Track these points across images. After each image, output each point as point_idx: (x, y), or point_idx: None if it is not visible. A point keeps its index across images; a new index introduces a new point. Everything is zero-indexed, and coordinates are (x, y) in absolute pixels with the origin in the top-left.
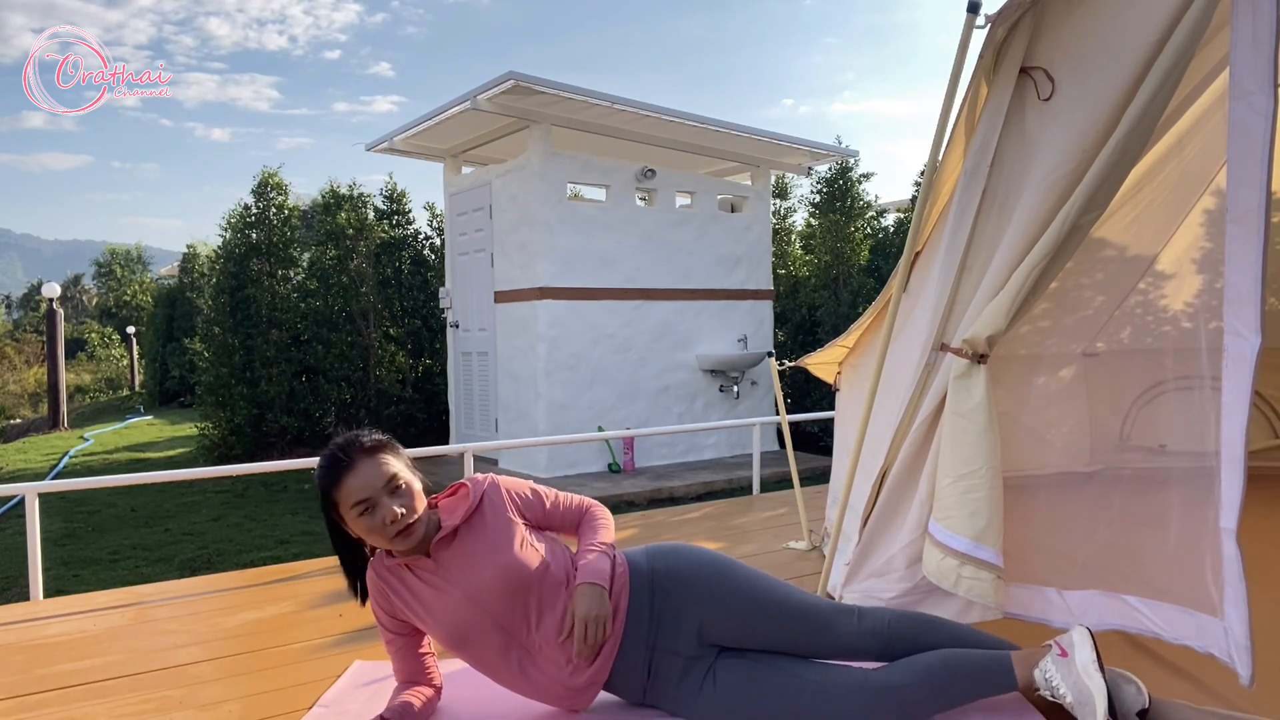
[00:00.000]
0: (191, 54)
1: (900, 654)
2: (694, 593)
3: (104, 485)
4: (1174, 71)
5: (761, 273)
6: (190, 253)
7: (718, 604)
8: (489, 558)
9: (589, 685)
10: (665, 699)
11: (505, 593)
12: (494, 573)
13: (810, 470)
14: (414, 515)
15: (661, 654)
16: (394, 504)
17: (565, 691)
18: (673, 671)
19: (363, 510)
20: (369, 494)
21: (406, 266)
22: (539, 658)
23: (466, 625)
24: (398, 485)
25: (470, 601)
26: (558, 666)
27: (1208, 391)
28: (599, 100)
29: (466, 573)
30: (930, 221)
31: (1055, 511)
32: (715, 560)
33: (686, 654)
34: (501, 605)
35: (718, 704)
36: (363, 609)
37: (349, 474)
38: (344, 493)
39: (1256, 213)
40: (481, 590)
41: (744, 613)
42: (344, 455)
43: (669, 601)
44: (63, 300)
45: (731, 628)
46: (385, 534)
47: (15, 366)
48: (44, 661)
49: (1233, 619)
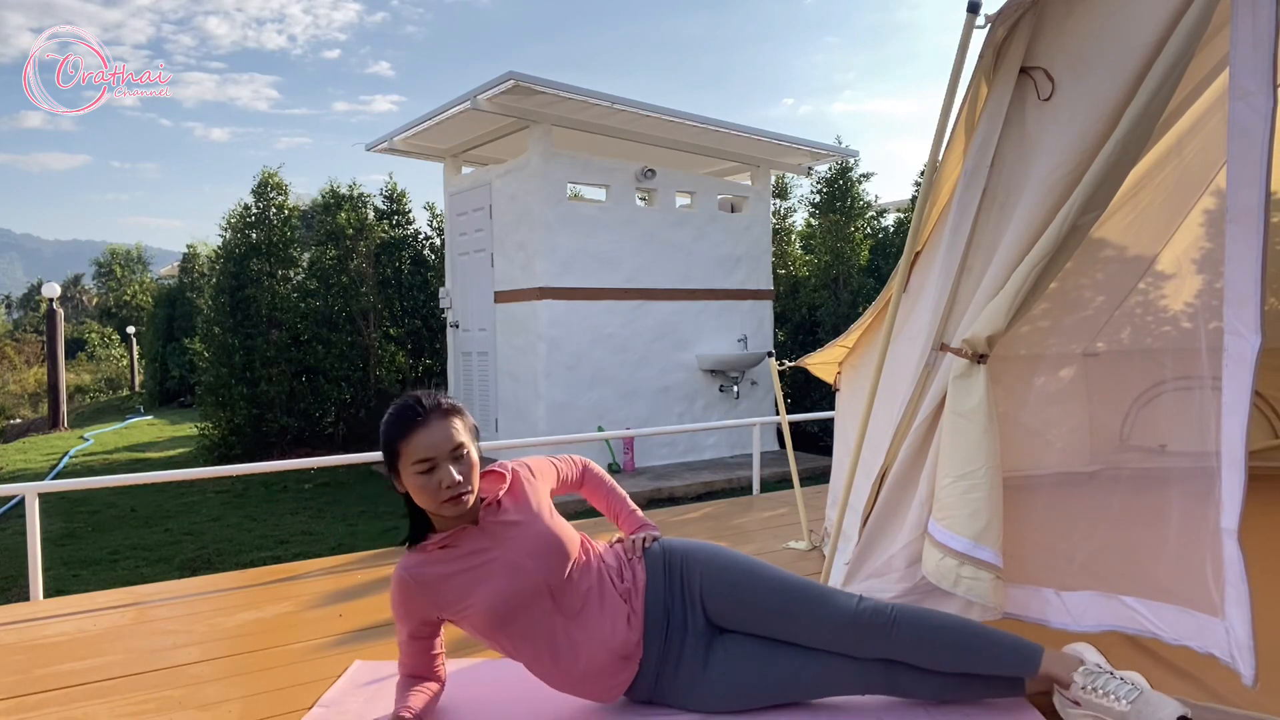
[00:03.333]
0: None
1: (905, 635)
2: (697, 565)
3: (104, 485)
4: (1174, 71)
5: (761, 273)
6: (190, 253)
7: (718, 576)
8: (534, 524)
9: (627, 657)
10: (675, 686)
11: (550, 554)
12: (538, 537)
13: (810, 470)
14: (470, 486)
15: (674, 632)
16: (454, 469)
17: (611, 661)
18: (683, 651)
19: (425, 469)
20: (434, 454)
21: (406, 266)
22: (584, 623)
23: (516, 593)
24: (462, 453)
25: (518, 568)
26: (602, 629)
27: (1208, 391)
28: (599, 100)
29: (516, 538)
30: (930, 221)
31: (1055, 511)
32: (715, 544)
33: (694, 631)
34: (548, 567)
35: (722, 688)
36: (361, 609)
37: (421, 430)
38: (411, 446)
39: (1256, 213)
40: (530, 553)
41: (743, 584)
42: (421, 410)
43: (677, 571)
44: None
45: (731, 600)
46: (438, 496)
47: (15, 366)
48: (44, 661)
49: (1234, 619)
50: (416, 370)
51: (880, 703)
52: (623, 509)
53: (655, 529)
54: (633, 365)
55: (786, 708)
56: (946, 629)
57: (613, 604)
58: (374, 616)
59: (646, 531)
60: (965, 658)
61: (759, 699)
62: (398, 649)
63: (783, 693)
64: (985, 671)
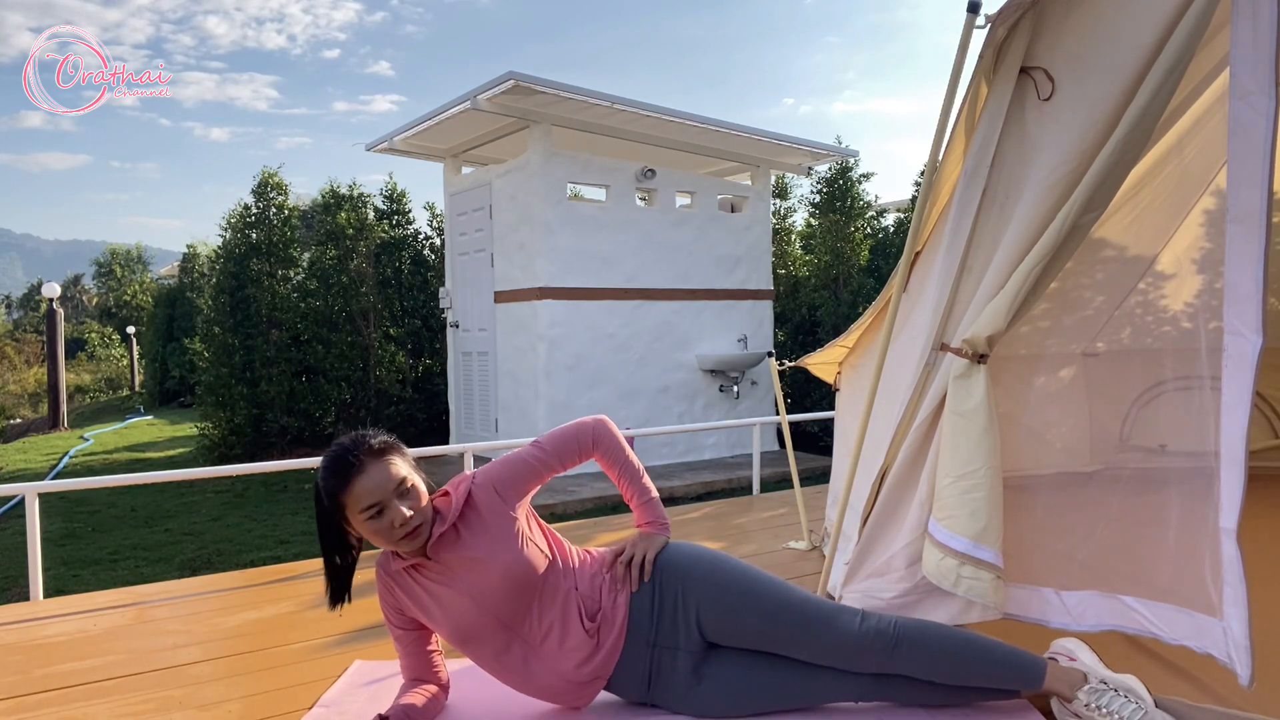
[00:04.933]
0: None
1: (907, 654)
2: (694, 586)
3: (104, 485)
4: (1174, 72)
5: (761, 273)
6: (190, 253)
7: (717, 597)
8: (492, 559)
9: (592, 680)
10: (667, 696)
11: (509, 593)
12: (498, 574)
13: (810, 470)
14: (422, 517)
15: (663, 650)
16: (403, 506)
17: (568, 687)
18: (675, 667)
19: (374, 514)
20: (380, 497)
21: (406, 266)
22: (542, 654)
23: (470, 625)
24: (406, 488)
25: (474, 602)
26: (561, 663)
27: (1208, 391)
28: (599, 100)
29: (470, 574)
30: (930, 221)
31: (1054, 511)
32: (714, 555)
33: (687, 649)
34: (505, 605)
35: (716, 697)
36: (361, 609)
37: (359, 477)
38: (354, 495)
39: (1257, 213)
40: (485, 591)
41: (742, 607)
42: (353, 458)
43: (670, 595)
44: (63, 300)
45: (730, 623)
46: (392, 536)
47: (15, 366)
48: (44, 661)
49: (1232, 619)
50: (416, 370)
51: (879, 706)
52: (635, 495)
53: (664, 528)
54: (633, 365)
55: (784, 712)
56: (949, 647)
57: (576, 639)
58: (374, 616)
59: (649, 542)
60: (968, 674)
61: (752, 706)
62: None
63: (776, 700)
64: (987, 685)
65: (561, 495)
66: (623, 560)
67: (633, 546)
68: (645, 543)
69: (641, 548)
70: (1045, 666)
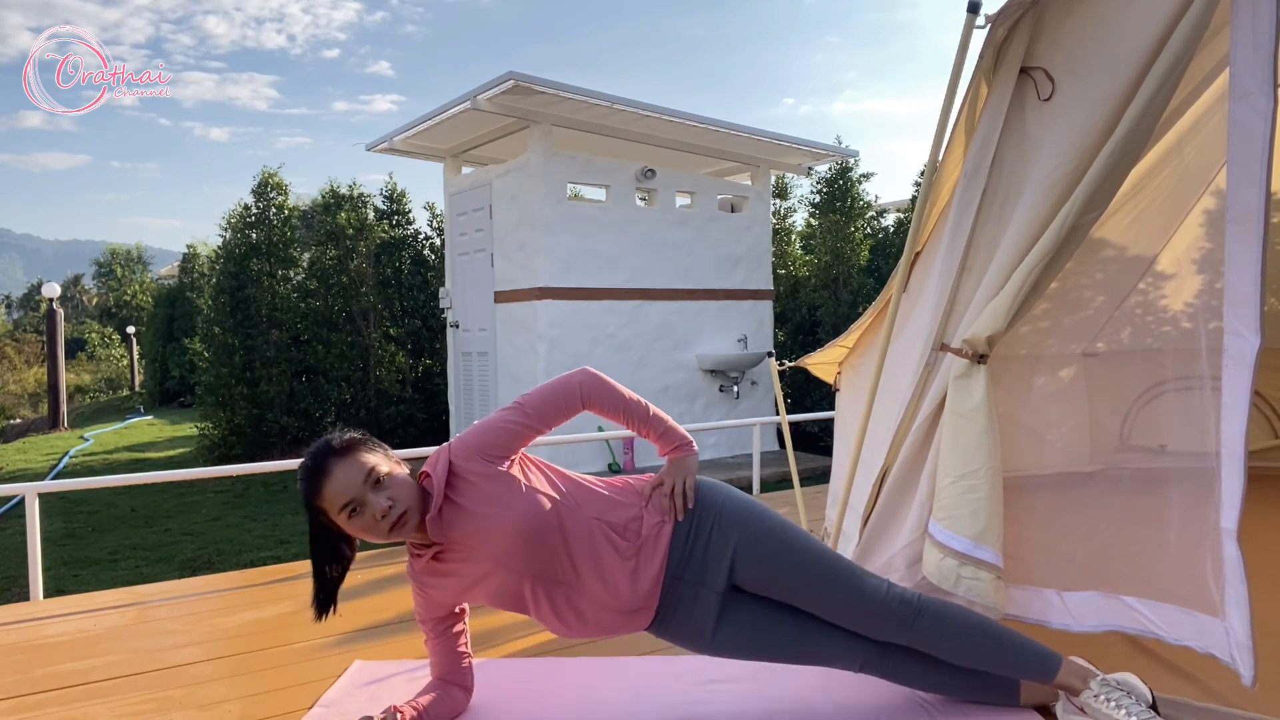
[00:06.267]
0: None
1: (927, 628)
2: (732, 528)
3: (104, 485)
4: (1174, 72)
5: (761, 273)
6: (190, 253)
7: (756, 543)
8: (498, 521)
9: (640, 609)
10: (679, 631)
11: (528, 546)
12: (510, 532)
13: (810, 470)
14: (403, 505)
15: (685, 585)
16: (379, 498)
17: (617, 617)
18: (695, 603)
19: (351, 511)
20: (352, 494)
21: (406, 266)
22: (586, 593)
23: (508, 588)
24: (379, 478)
25: (500, 565)
26: (606, 595)
27: (1208, 391)
28: (599, 100)
29: (484, 542)
30: (930, 221)
31: (1055, 512)
32: (752, 501)
33: (712, 587)
34: (530, 558)
35: (729, 640)
36: (361, 609)
37: (326, 480)
38: (328, 500)
39: (1256, 213)
40: (505, 552)
41: (780, 556)
42: (318, 463)
43: (705, 532)
44: (63, 300)
45: (765, 570)
46: (380, 530)
47: (15, 366)
48: (44, 661)
49: (1234, 619)
50: (416, 370)
51: (880, 699)
52: (650, 430)
53: (689, 449)
54: (633, 365)
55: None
56: (968, 627)
57: (614, 568)
58: (374, 616)
59: (683, 467)
60: (984, 657)
61: (760, 655)
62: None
63: (784, 653)
64: (1000, 673)
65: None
66: (664, 491)
67: (670, 476)
68: (680, 469)
69: (679, 475)
70: (1061, 659)
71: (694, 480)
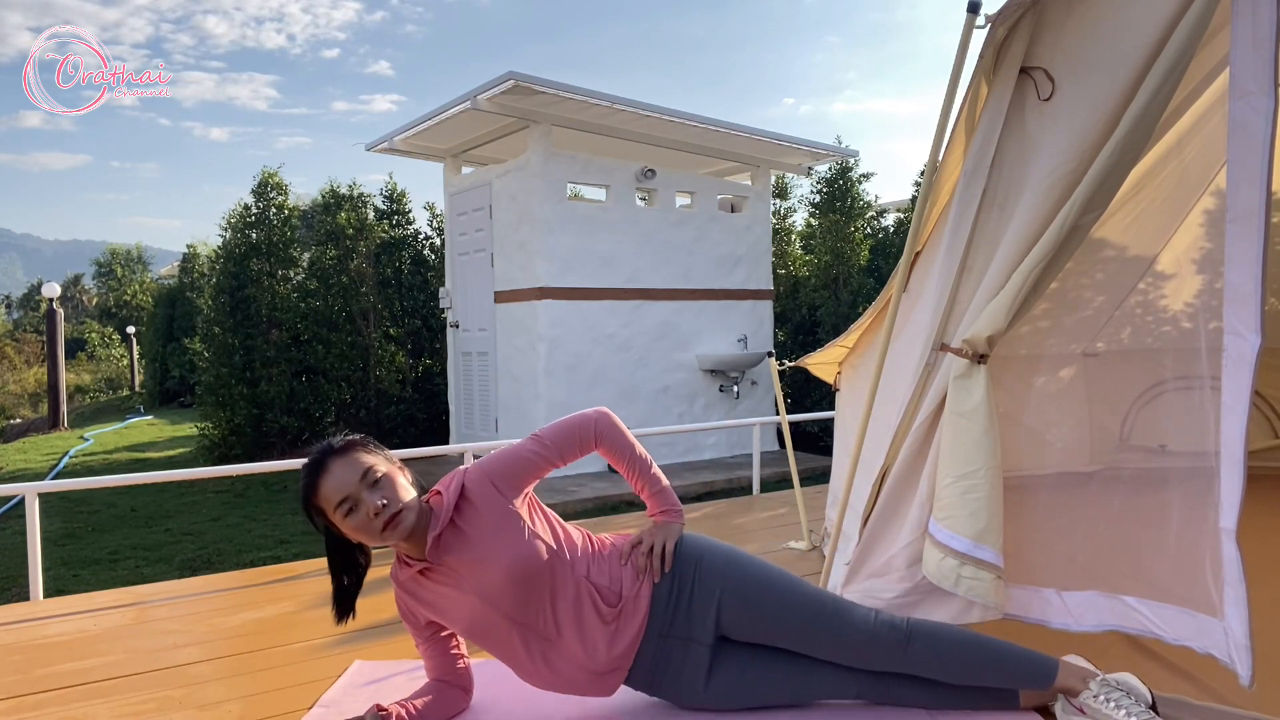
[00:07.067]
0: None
1: (919, 651)
2: (714, 579)
3: (104, 485)
4: (1174, 71)
5: (761, 273)
6: (190, 253)
7: (739, 592)
8: (494, 557)
9: (613, 670)
10: (672, 688)
11: (515, 589)
12: (502, 571)
13: (810, 470)
14: (397, 504)
15: (674, 641)
16: (374, 497)
17: (590, 679)
18: (685, 658)
19: (347, 510)
20: (348, 491)
21: (406, 266)
22: (560, 648)
23: (484, 623)
24: (376, 478)
25: (483, 600)
26: (581, 654)
27: (1208, 391)
28: (599, 100)
29: (475, 573)
30: (930, 221)
31: (1055, 512)
32: (732, 549)
33: (700, 641)
34: (513, 601)
35: (722, 689)
36: (361, 610)
37: (324, 477)
38: (324, 497)
39: (1256, 213)
40: (492, 589)
41: (763, 602)
42: (317, 461)
43: (688, 587)
44: (63, 300)
45: (751, 618)
46: (374, 530)
47: (15, 366)
48: (44, 661)
49: (1232, 619)
50: (416, 370)
51: (879, 706)
52: (646, 485)
53: (678, 516)
54: (633, 365)
55: (787, 710)
56: (962, 645)
57: (594, 629)
58: (374, 616)
59: (667, 530)
60: (980, 672)
61: (755, 699)
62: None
63: (779, 694)
64: (998, 685)
65: (562, 495)
66: (642, 550)
67: (651, 536)
68: (663, 532)
69: (660, 536)
70: (1058, 664)
71: (674, 544)
